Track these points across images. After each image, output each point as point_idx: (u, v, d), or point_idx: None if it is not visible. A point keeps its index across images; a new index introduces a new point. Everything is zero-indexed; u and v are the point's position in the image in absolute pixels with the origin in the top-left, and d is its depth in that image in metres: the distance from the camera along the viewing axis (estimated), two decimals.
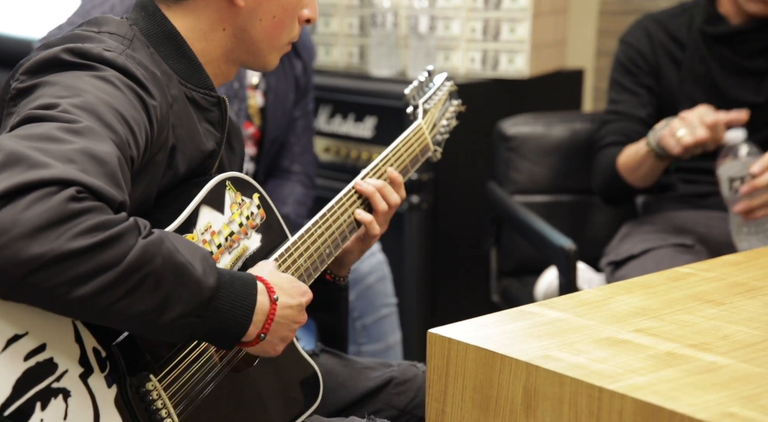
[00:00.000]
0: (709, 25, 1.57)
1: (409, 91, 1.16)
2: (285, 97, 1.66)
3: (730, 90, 1.57)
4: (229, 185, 0.94)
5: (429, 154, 1.16)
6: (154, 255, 0.76)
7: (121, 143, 0.80)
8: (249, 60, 0.99)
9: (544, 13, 2.07)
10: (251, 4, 0.95)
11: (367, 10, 2.14)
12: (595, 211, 1.83)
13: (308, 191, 1.75)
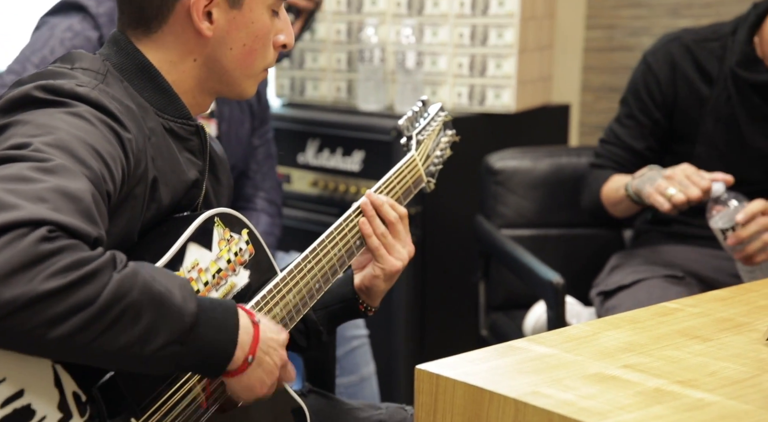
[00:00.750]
0: (744, 68, 1.48)
1: (403, 122, 1.15)
2: (240, 126, 1.66)
3: (754, 138, 1.49)
4: (218, 221, 0.94)
5: (422, 186, 1.16)
6: (131, 288, 0.76)
7: (96, 178, 0.80)
8: (224, 89, 0.98)
9: (530, 49, 2.10)
10: (219, 33, 0.94)
11: (354, 46, 2.17)
12: (583, 244, 1.84)
13: (274, 220, 1.74)
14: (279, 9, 0.98)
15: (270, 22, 0.97)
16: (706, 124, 1.54)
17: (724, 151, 1.52)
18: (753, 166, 1.51)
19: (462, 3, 2.05)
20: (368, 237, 1.05)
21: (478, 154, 1.93)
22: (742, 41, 1.49)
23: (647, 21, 2.26)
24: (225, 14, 0.94)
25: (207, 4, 0.93)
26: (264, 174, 1.73)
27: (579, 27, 2.36)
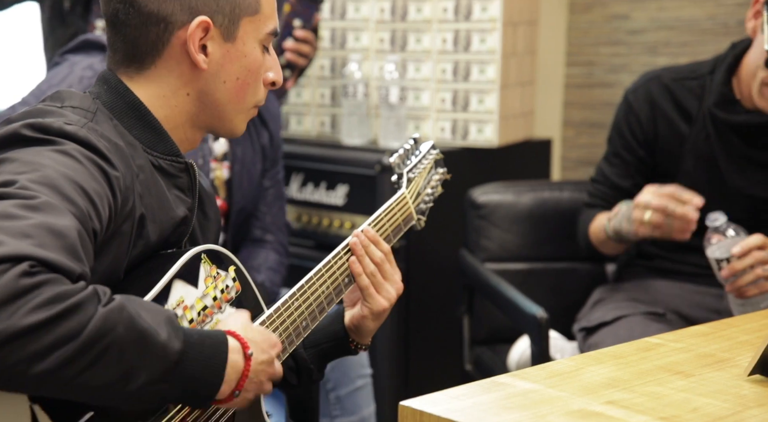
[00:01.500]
0: (721, 109, 1.49)
1: (394, 159, 1.16)
2: (252, 167, 1.66)
3: (733, 177, 1.50)
4: (204, 258, 0.94)
5: (412, 223, 1.16)
6: (116, 324, 0.75)
7: (82, 216, 0.80)
8: (215, 124, 0.99)
9: (512, 85, 2.13)
10: (214, 66, 0.95)
11: (338, 81, 2.19)
12: (566, 278, 1.85)
13: (282, 259, 1.74)
14: (268, 45, 0.99)
15: (261, 57, 0.98)
16: (686, 163, 1.55)
17: (705, 189, 1.53)
18: (734, 204, 1.52)
19: (444, 39, 2.09)
20: (358, 276, 1.05)
21: (461, 188, 1.94)
22: (719, 82, 1.51)
23: (626, 58, 2.30)
24: (219, 47, 0.95)
25: (203, 37, 0.94)
26: (273, 216, 1.73)
27: (559, 63, 2.41)
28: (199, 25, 0.93)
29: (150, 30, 0.94)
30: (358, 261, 1.05)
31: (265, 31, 0.97)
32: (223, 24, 0.95)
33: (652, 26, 2.26)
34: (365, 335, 1.09)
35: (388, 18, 2.13)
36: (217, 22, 0.94)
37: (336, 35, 2.18)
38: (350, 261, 1.06)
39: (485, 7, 2.04)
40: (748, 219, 1.51)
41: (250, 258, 1.68)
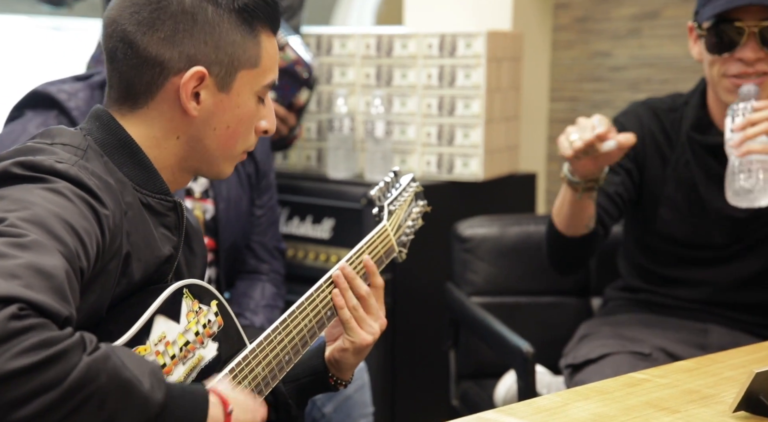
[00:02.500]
0: (698, 132, 1.53)
1: (375, 192, 1.17)
2: (239, 202, 1.65)
3: (712, 199, 1.52)
4: (186, 293, 0.93)
5: (394, 255, 1.16)
6: (99, 373, 0.75)
7: (70, 255, 0.80)
8: (203, 168, 0.99)
9: (496, 119, 2.15)
10: (205, 114, 0.96)
11: (324, 116, 2.20)
12: (553, 312, 1.84)
13: (279, 289, 1.73)
14: (265, 96, 1.00)
15: (255, 108, 0.98)
16: (668, 186, 1.58)
17: (687, 213, 1.55)
18: (715, 228, 1.54)
19: (429, 75, 2.11)
20: (340, 309, 1.05)
21: (447, 222, 1.95)
22: (695, 105, 1.55)
23: (608, 94, 2.34)
24: (213, 96, 0.96)
25: (196, 85, 0.95)
26: (267, 243, 1.72)
27: (543, 99, 2.44)
28: (195, 75, 0.94)
29: (146, 72, 0.94)
30: (341, 294, 1.05)
31: (262, 84, 0.98)
32: (219, 74, 0.95)
33: (633, 63, 2.30)
34: (345, 370, 1.07)
35: (374, 54, 2.15)
36: (213, 73, 0.95)
37: (322, 70, 2.20)
38: (333, 294, 1.05)
39: (469, 44, 2.06)
40: (728, 241, 1.52)
41: (247, 295, 1.66)
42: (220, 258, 1.63)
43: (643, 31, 2.27)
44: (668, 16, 2.22)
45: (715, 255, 1.55)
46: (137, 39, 0.94)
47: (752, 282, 1.53)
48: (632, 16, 2.28)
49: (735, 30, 1.41)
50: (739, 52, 1.42)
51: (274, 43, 0.99)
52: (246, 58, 0.96)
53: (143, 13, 0.94)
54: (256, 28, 0.96)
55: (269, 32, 0.98)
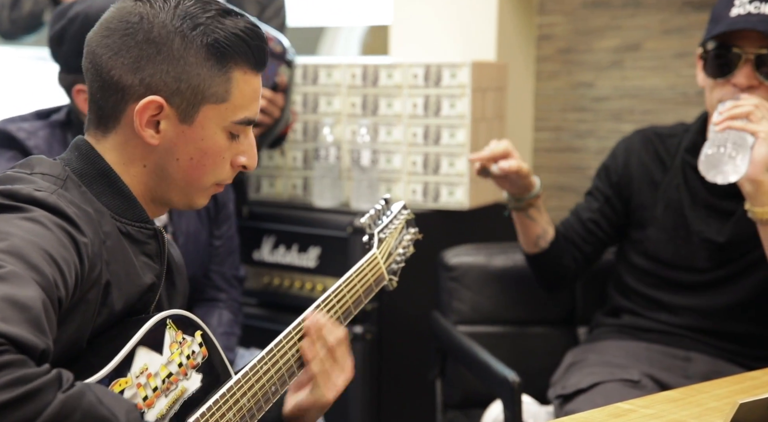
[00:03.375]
0: (691, 154, 1.57)
1: (365, 220, 1.16)
2: (198, 236, 1.65)
3: (696, 223, 1.56)
4: (170, 323, 0.92)
5: (384, 283, 1.16)
6: (74, 410, 0.74)
7: (48, 285, 0.79)
8: (173, 198, 0.98)
9: (481, 148, 2.16)
10: (166, 143, 0.95)
11: (311, 145, 2.21)
12: (539, 341, 1.84)
13: (236, 316, 1.72)
14: (241, 132, 0.98)
15: (225, 143, 0.97)
16: (657, 208, 1.61)
17: (672, 235, 1.58)
18: (698, 252, 1.56)
19: (415, 104, 2.12)
20: (308, 361, 1.03)
21: (433, 250, 1.95)
22: (694, 131, 1.59)
23: (592, 124, 2.36)
24: (174, 127, 0.95)
25: (155, 114, 0.94)
26: (224, 273, 1.71)
27: (528, 128, 2.46)
28: (149, 104, 0.93)
29: (110, 96, 0.94)
30: (310, 345, 1.03)
31: (232, 120, 0.96)
32: (180, 106, 0.94)
33: (616, 94, 2.33)
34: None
35: (360, 83, 2.16)
36: (174, 104, 0.94)
37: (308, 100, 2.21)
38: (301, 345, 1.03)
39: (454, 74, 2.08)
40: (711, 266, 1.54)
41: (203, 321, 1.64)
42: None
43: (625, 62, 2.30)
44: (649, 49, 2.26)
45: (697, 279, 1.57)
46: (104, 62, 0.94)
47: (734, 312, 1.54)
48: (614, 48, 2.31)
49: (732, 55, 1.45)
50: (733, 78, 1.44)
51: (252, 80, 0.97)
52: (212, 92, 0.95)
53: (113, 38, 0.94)
54: (227, 64, 0.95)
55: (246, 69, 0.96)
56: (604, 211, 1.66)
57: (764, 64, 1.44)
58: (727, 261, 1.55)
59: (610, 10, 2.30)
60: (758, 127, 1.37)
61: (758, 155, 1.36)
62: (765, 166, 1.38)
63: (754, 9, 1.43)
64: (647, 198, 1.62)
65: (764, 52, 1.43)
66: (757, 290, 1.54)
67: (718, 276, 1.54)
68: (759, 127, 1.37)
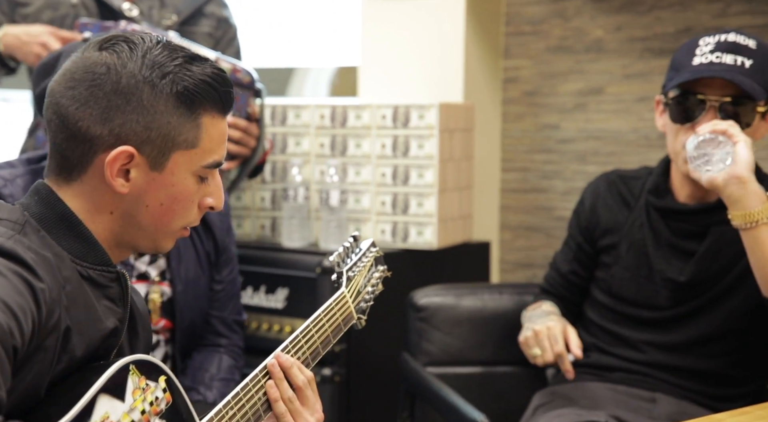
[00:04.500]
0: (654, 195, 1.60)
1: (334, 258, 1.15)
2: (197, 283, 1.61)
3: (658, 262, 1.58)
4: (133, 369, 0.90)
5: (353, 322, 1.15)
6: None
7: (2, 334, 0.77)
8: (140, 244, 0.97)
9: (450, 189, 2.18)
10: (136, 191, 0.94)
11: (279, 185, 2.20)
12: (508, 382, 1.83)
13: (238, 362, 1.67)
14: (209, 175, 0.98)
15: (194, 187, 0.97)
16: (621, 248, 1.64)
17: (635, 274, 1.60)
18: (659, 291, 1.58)
19: (383, 145, 2.14)
20: (275, 402, 1.01)
21: (402, 290, 1.94)
22: (658, 173, 1.63)
23: (558, 165, 2.40)
24: (144, 175, 0.95)
25: (125, 163, 0.94)
26: (225, 318, 1.67)
27: (496, 169, 2.49)
28: (121, 154, 0.93)
29: (77, 147, 0.93)
30: (276, 386, 1.01)
31: (201, 164, 0.96)
32: (151, 155, 0.94)
33: (580, 136, 2.37)
34: None
35: (328, 124, 2.18)
36: (145, 152, 0.94)
37: (277, 140, 2.21)
38: (267, 386, 1.02)
39: (422, 115, 2.11)
40: (672, 304, 1.56)
41: (203, 368, 1.61)
42: (176, 337, 1.58)
43: (589, 105, 2.35)
44: (611, 93, 2.31)
45: (658, 316, 1.59)
46: (70, 113, 0.93)
47: (695, 347, 1.56)
48: (578, 92, 2.36)
49: (697, 102, 1.48)
50: (697, 124, 1.48)
51: (219, 123, 0.97)
52: (182, 139, 0.95)
53: (79, 89, 0.93)
54: (196, 111, 0.95)
55: (214, 113, 0.96)
56: (579, 258, 1.70)
57: (726, 112, 1.48)
58: (687, 299, 1.58)
59: (574, 55, 2.35)
60: (737, 135, 1.41)
61: (741, 156, 1.40)
62: (748, 167, 1.41)
63: (716, 59, 1.47)
64: (613, 238, 1.65)
65: (727, 100, 1.47)
66: (716, 326, 1.56)
67: (678, 313, 1.57)
68: (738, 135, 1.41)
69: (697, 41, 1.51)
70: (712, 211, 1.54)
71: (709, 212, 1.55)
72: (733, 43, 1.47)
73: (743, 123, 1.48)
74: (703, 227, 1.55)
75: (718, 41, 1.48)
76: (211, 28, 1.94)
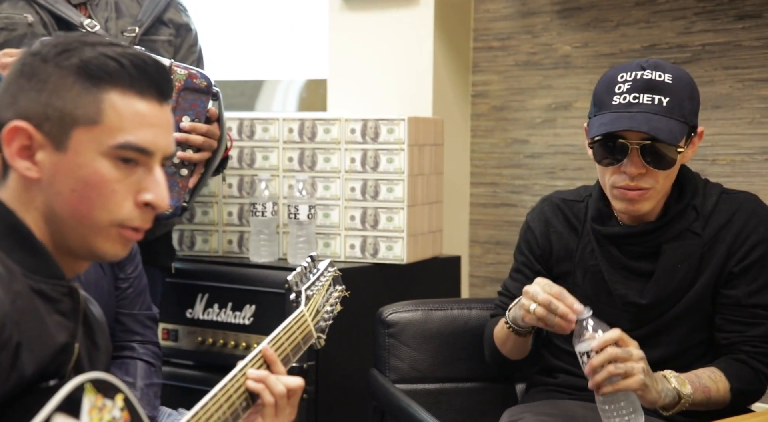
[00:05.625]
0: (598, 223, 1.59)
1: (292, 278, 1.15)
2: (98, 285, 1.57)
3: (616, 287, 1.57)
4: (89, 387, 0.87)
5: (312, 342, 1.14)
6: None
7: None
8: (73, 246, 0.91)
9: (419, 203, 2.17)
10: (47, 176, 0.89)
11: (246, 199, 2.18)
12: (477, 398, 1.82)
13: (155, 362, 1.63)
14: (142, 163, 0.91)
15: (112, 173, 0.90)
16: (576, 275, 1.62)
17: (594, 300, 1.59)
18: (620, 315, 1.58)
19: (353, 159, 2.12)
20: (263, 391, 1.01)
21: (371, 306, 1.92)
22: (596, 198, 1.62)
23: (527, 180, 2.41)
24: (50, 156, 0.90)
25: (27, 144, 0.89)
26: (135, 315, 1.63)
27: (465, 184, 2.49)
28: (14, 131, 0.89)
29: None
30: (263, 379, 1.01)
31: (110, 144, 0.90)
32: (51, 132, 0.90)
33: (549, 151, 2.38)
34: None
35: (297, 138, 2.16)
36: (45, 130, 0.90)
37: (244, 155, 2.19)
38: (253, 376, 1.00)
39: (392, 129, 2.10)
40: (634, 326, 1.55)
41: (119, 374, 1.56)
42: None
43: (557, 120, 2.37)
44: (579, 108, 2.33)
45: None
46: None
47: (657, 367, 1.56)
48: (546, 107, 2.38)
49: (619, 146, 1.49)
50: (623, 166, 1.50)
51: (134, 103, 0.90)
52: (81, 114, 0.90)
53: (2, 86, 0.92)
54: (98, 84, 0.90)
55: (123, 90, 0.91)
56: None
57: (647, 154, 1.49)
58: (649, 320, 1.57)
59: (542, 71, 2.37)
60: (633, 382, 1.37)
61: (647, 399, 1.40)
62: (655, 402, 1.42)
63: (633, 99, 1.48)
64: (567, 266, 1.64)
65: (647, 143, 1.48)
66: (676, 346, 1.57)
67: (639, 334, 1.56)
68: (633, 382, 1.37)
69: (616, 77, 1.52)
70: (660, 230, 1.55)
71: (657, 231, 1.56)
72: (649, 81, 1.48)
73: (667, 162, 1.49)
74: (654, 246, 1.56)
75: (635, 79, 1.49)
76: (170, 36, 1.92)
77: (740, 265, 1.53)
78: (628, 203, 1.52)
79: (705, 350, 1.58)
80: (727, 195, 1.59)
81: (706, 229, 1.55)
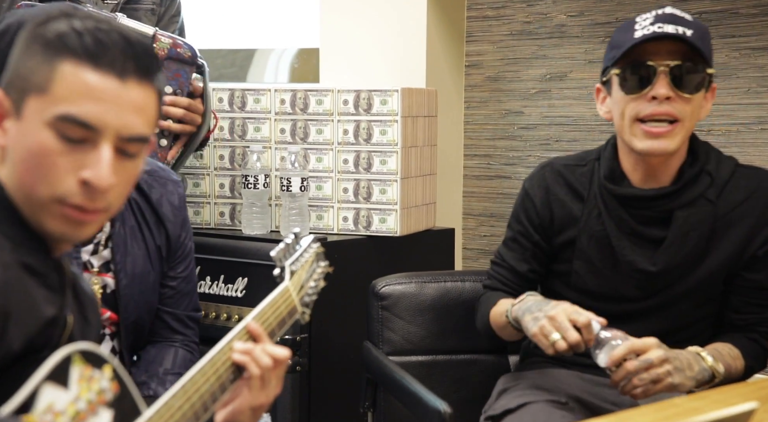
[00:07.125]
0: (611, 182, 1.54)
1: (276, 253, 1.16)
2: (144, 278, 1.54)
3: (624, 252, 1.53)
4: (77, 358, 0.86)
5: (297, 316, 1.14)
6: None
7: None
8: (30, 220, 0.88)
9: (413, 175, 2.15)
10: (10, 144, 0.88)
11: (238, 171, 2.16)
12: (471, 370, 1.82)
13: (195, 356, 1.62)
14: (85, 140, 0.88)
15: (54, 145, 0.87)
16: (581, 242, 1.58)
17: (599, 266, 1.56)
18: (627, 281, 1.55)
19: (346, 131, 2.10)
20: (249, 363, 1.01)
21: (365, 278, 1.91)
22: (608, 157, 1.57)
23: (521, 152, 2.39)
24: (13, 124, 0.89)
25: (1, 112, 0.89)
26: (178, 315, 1.61)
27: (458, 156, 2.47)
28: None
29: None
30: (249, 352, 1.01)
31: (52, 114, 0.87)
32: (14, 98, 0.89)
33: (544, 122, 2.37)
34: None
35: (289, 110, 2.13)
36: (12, 97, 0.89)
37: (235, 126, 2.16)
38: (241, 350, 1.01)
39: (385, 100, 2.08)
40: (641, 295, 1.54)
41: (156, 360, 1.54)
42: (121, 331, 1.52)
43: (552, 91, 2.35)
44: (574, 78, 2.31)
45: (627, 309, 1.57)
46: None
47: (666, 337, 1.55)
48: (541, 77, 2.35)
49: (647, 69, 1.45)
50: (653, 90, 1.44)
51: (86, 75, 0.87)
52: (34, 81, 0.88)
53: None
54: (54, 54, 0.88)
55: (79, 62, 0.88)
56: (536, 256, 1.62)
57: (677, 76, 1.45)
58: (655, 292, 1.54)
59: (537, 40, 2.34)
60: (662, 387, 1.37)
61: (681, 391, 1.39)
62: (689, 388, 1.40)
63: (658, 29, 1.44)
64: (570, 232, 1.59)
65: (677, 63, 1.45)
66: (682, 319, 1.55)
67: (646, 306, 1.54)
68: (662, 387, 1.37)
69: (635, 18, 1.48)
70: (673, 195, 1.52)
71: (670, 196, 1.52)
72: (672, 15, 1.46)
73: (694, 86, 1.45)
74: (666, 212, 1.52)
75: (657, 14, 1.46)
76: (153, 4, 1.89)
77: (764, 248, 1.51)
78: (653, 140, 1.45)
79: (706, 325, 1.57)
80: (744, 169, 1.55)
81: (720, 199, 1.51)
